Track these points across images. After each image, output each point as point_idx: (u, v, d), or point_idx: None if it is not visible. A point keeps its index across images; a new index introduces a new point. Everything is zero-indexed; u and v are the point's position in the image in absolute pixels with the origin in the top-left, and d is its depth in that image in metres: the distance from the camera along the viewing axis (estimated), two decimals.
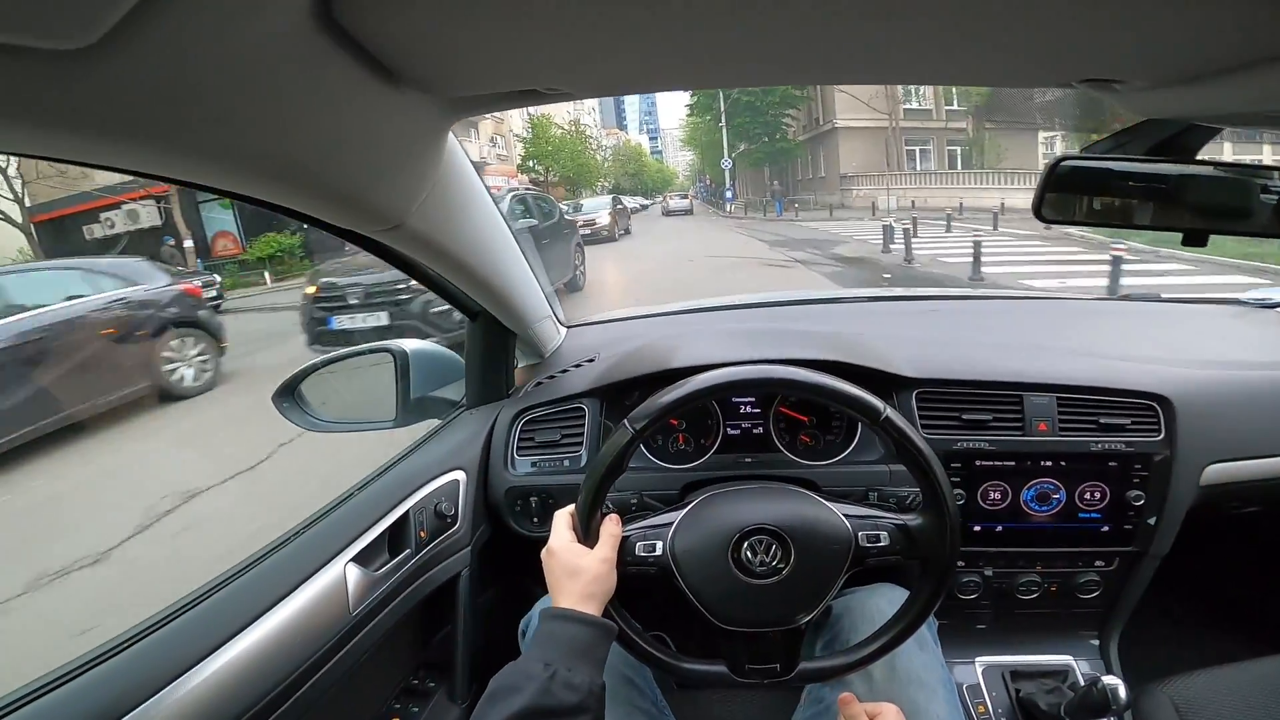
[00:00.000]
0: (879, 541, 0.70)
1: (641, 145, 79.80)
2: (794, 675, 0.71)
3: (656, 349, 1.10)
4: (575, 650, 0.61)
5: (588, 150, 37.30)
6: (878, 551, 0.70)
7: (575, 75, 0.55)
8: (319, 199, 0.55)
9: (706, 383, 0.71)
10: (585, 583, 0.66)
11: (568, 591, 0.66)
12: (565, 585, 0.67)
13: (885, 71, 0.58)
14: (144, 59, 0.32)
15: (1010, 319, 1.31)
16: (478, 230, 0.82)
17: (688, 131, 39.01)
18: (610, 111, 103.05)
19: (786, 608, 0.69)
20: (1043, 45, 0.48)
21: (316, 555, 0.80)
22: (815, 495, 0.75)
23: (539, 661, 0.59)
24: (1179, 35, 0.44)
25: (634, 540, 0.72)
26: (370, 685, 0.97)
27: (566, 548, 0.69)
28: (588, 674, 0.60)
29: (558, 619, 0.64)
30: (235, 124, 0.42)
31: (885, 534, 0.71)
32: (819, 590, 0.69)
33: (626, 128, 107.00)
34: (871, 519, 0.72)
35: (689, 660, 0.73)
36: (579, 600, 0.65)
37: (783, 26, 0.44)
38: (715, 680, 0.72)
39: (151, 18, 0.30)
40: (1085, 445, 0.96)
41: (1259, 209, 0.73)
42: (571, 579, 0.67)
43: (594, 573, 0.67)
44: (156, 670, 0.61)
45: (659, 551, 0.71)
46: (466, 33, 0.43)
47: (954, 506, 0.70)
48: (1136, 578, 1.03)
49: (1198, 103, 0.59)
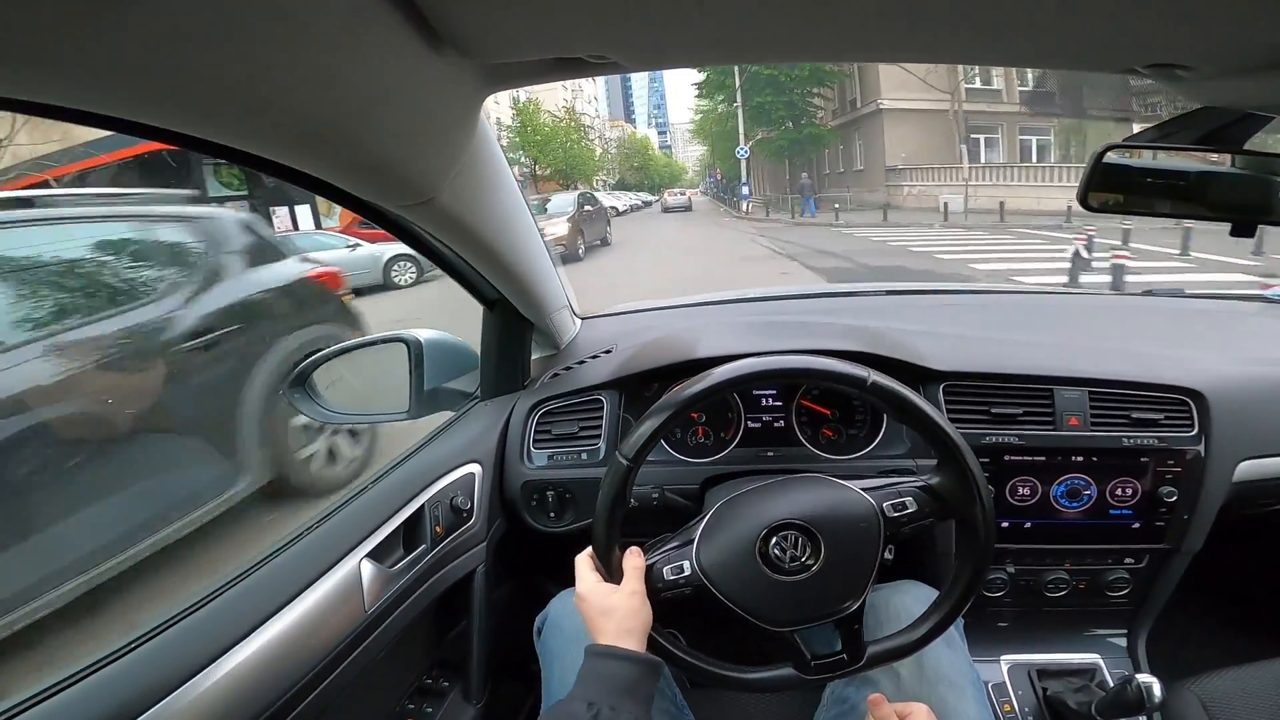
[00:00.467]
0: (906, 508, 0.69)
1: (649, 139, 77.08)
2: (865, 661, 0.69)
3: (677, 340, 1.08)
4: (618, 688, 0.60)
5: (584, 140, 34.67)
6: (908, 519, 0.68)
7: (624, 42, 0.52)
8: (349, 167, 0.52)
9: (689, 393, 0.68)
10: (619, 619, 0.65)
11: (605, 631, 0.65)
12: (601, 625, 0.65)
13: (946, 50, 0.56)
14: (171, 6, 0.30)
15: (1034, 313, 1.30)
16: (504, 212, 0.79)
17: (696, 120, 34.89)
18: (618, 104, 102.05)
19: (832, 597, 0.67)
20: (1111, 26, 0.46)
21: (331, 552, 0.77)
22: (831, 477, 0.73)
23: (582, 701, 0.58)
24: (1257, 20, 0.42)
25: (660, 566, 0.70)
26: (385, 684, 0.94)
27: (593, 589, 0.68)
28: (632, 711, 0.59)
29: (600, 656, 0.63)
30: (271, 84, 0.39)
31: (910, 499, 0.69)
32: (860, 571, 0.67)
33: (635, 122, 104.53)
34: (892, 487, 0.70)
35: (753, 670, 0.71)
36: (616, 637, 0.64)
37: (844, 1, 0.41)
38: (787, 684, 0.70)
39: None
40: (1117, 440, 0.95)
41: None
42: (606, 619, 0.65)
43: (626, 608, 0.66)
44: (170, 669, 0.58)
45: (688, 571, 0.69)
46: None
47: (970, 455, 0.68)
48: (1166, 575, 1.02)
49: (1262, 92, 0.57)
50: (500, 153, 0.75)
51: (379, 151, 0.52)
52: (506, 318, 1.04)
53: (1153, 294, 1.32)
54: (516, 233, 0.85)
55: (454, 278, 0.92)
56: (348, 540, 0.80)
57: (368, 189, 0.58)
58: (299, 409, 1.00)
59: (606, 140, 56.02)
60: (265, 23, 0.34)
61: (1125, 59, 0.54)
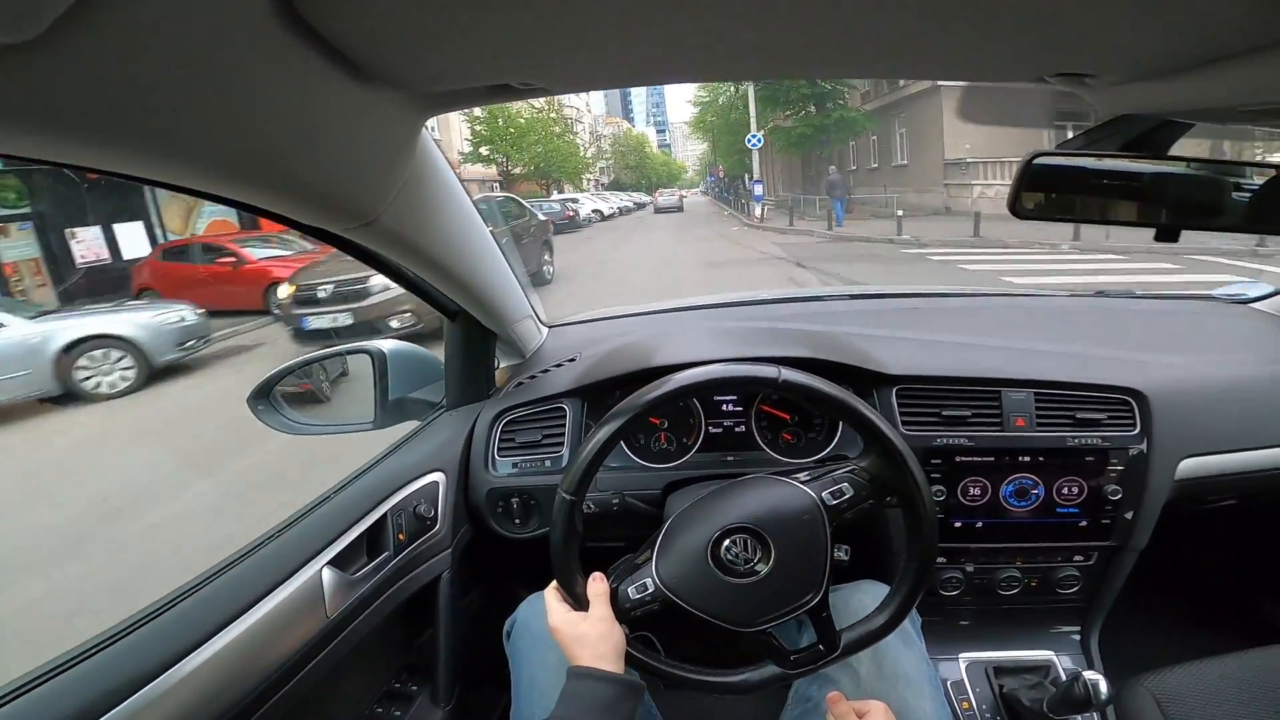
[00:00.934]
0: (844, 494, 0.71)
1: (645, 136, 72.00)
2: (842, 649, 0.71)
3: (637, 348, 1.10)
4: (596, 708, 0.62)
5: (567, 134, 29.51)
6: (847, 504, 0.70)
7: (549, 70, 0.54)
8: (286, 196, 0.54)
9: (616, 423, 0.70)
10: (592, 645, 0.67)
11: (580, 658, 0.67)
12: (577, 653, 0.67)
13: (858, 65, 0.58)
14: (93, 52, 0.32)
15: (989, 317, 1.32)
16: (453, 228, 0.81)
17: (697, 112, 30.12)
18: (616, 101, 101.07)
19: (791, 591, 0.69)
20: (1014, 39, 0.48)
21: (291, 559, 0.79)
22: (769, 475, 0.75)
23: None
24: (1151, 30, 0.44)
25: (625, 587, 0.72)
26: (351, 688, 0.96)
27: (564, 620, 0.70)
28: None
29: (580, 677, 0.65)
30: (194, 119, 0.41)
31: (846, 484, 0.71)
32: (813, 563, 0.69)
33: (634, 120, 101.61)
34: (827, 475, 0.72)
35: (736, 673, 0.73)
36: (592, 662, 0.66)
37: (757, 19, 0.43)
38: (771, 681, 0.72)
39: (98, 10, 0.29)
40: (1062, 440, 0.97)
41: (1229, 206, 0.73)
42: (580, 646, 0.67)
43: (596, 634, 0.68)
44: (127, 674, 0.60)
45: (651, 588, 0.71)
46: (433, 26, 0.42)
47: (893, 433, 0.69)
48: (1115, 572, 1.04)
49: (1169, 98, 0.59)
50: (447, 169, 0.77)
51: (312, 182, 0.54)
52: (469, 329, 1.06)
53: (1105, 295, 1.34)
54: (469, 247, 0.87)
55: (412, 291, 0.93)
56: (309, 548, 0.81)
57: (306, 215, 0.59)
58: (263, 421, 1.02)
59: (600, 137, 50.89)
60: (180, 70, 0.36)
61: (1033, 69, 0.56)
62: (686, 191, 57.10)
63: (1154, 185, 0.74)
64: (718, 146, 32.06)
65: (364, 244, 0.69)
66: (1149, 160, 0.73)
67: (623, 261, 10.87)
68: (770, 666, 0.72)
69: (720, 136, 29.31)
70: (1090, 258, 7.84)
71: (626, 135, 60.92)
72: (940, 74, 0.59)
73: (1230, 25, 0.42)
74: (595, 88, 0.62)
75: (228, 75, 0.39)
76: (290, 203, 0.56)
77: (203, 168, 0.46)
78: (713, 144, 33.48)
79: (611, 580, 0.73)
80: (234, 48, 0.38)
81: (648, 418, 1.02)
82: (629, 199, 35.56)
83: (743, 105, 20.70)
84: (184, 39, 0.34)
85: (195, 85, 0.38)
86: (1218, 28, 0.42)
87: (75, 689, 0.58)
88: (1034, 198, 0.75)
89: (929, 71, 0.59)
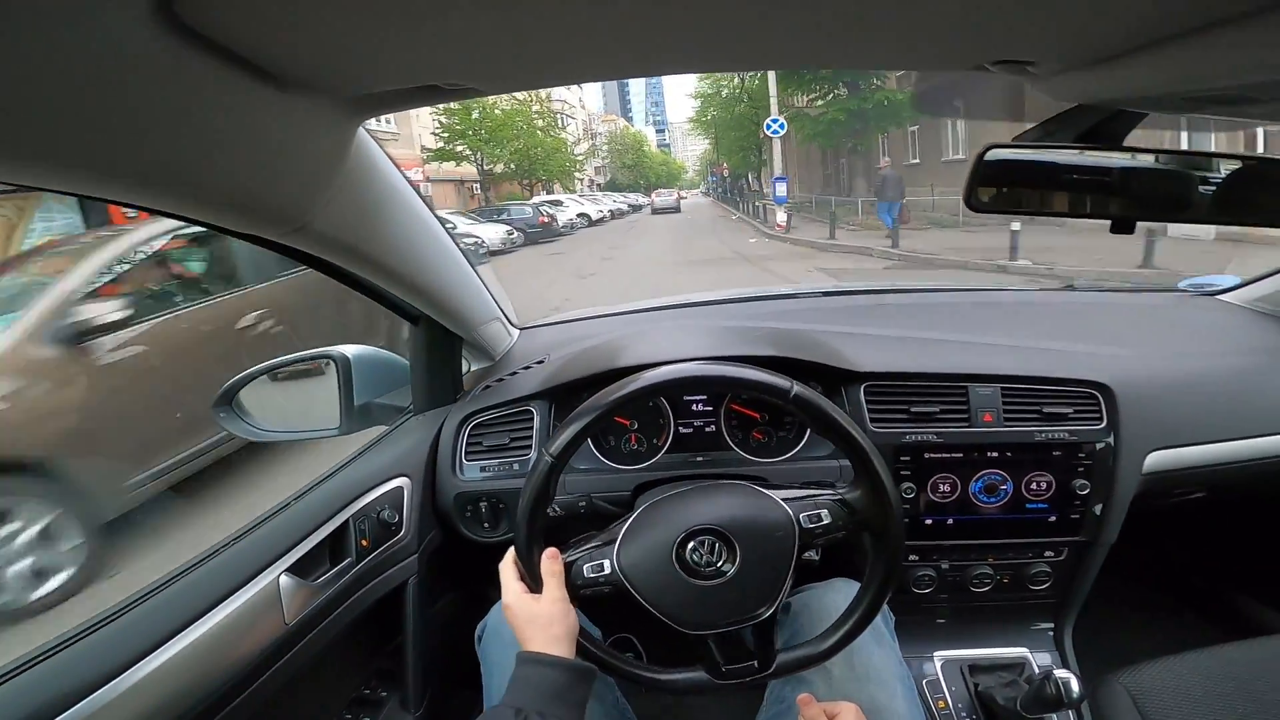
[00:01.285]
0: (821, 520, 0.70)
1: (643, 135, 67.23)
2: (773, 670, 0.71)
3: (604, 349, 1.09)
4: (547, 693, 0.61)
5: (553, 129, 26.17)
6: (822, 530, 0.70)
7: (475, 69, 0.53)
8: (202, 203, 0.53)
9: (614, 397, 0.70)
10: (544, 628, 0.66)
11: (533, 639, 0.66)
12: (529, 634, 0.66)
13: (795, 55, 0.57)
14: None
15: (958, 312, 1.32)
16: (400, 231, 0.80)
17: (699, 106, 26.83)
18: (614, 100, 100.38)
19: (745, 603, 0.69)
20: (952, 26, 0.47)
21: (247, 567, 0.78)
22: (754, 486, 0.74)
23: (510, 708, 0.59)
24: (1085, 14, 0.43)
25: (580, 564, 0.71)
26: (317, 695, 0.95)
27: (518, 598, 0.69)
28: (561, 716, 0.60)
29: (529, 663, 0.64)
30: (87, 129, 0.40)
31: (825, 511, 0.71)
32: (774, 580, 0.69)
33: (633, 119, 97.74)
34: (810, 499, 0.72)
35: (667, 671, 0.73)
36: (544, 645, 0.65)
37: (689, 11, 0.42)
38: (697, 687, 0.71)
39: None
40: (1030, 435, 0.96)
41: (1191, 197, 0.73)
42: (532, 627, 0.66)
43: (548, 616, 0.67)
44: (76, 681, 0.59)
45: (607, 570, 0.70)
46: (332, 27, 0.41)
47: (885, 470, 0.69)
48: (1086, 567, 1.04)
49: (1113, 86, 0.59)
50: (392, 170, 0.76)
51: (228, 189, 0.53)
52: (432, 333, 1.05)
53: (1074, 289, 1.34)
54: (422, 250, 0.86)
55: (369, 296, 0.92)
56: (266, 555, 0.81)
57: (231, 221, 0.58)
58: (226, 428, 1.01)
59: (594, 134, 49.04)
60: (63, 78, 0.35)
61: (972, 57, 0.56)
62: (687, 192, 54.98)
63: (1107, 176, 0.73)
64: (721, 143, 28.89)
65: (302, 249, 0.68)
66: (1103, 151, 0.73)
67: (588, 299, 7.03)
68: (700, 672, 0.71)
69: (724, 132, 26.16)
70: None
71: (624, 133, 57.57)
72: (879, 63, 0.59)
73: (1157, 9, 0.41)
74: (527, 87, 0.61)
75: (115, 84, 0.38)
76: (211, 211, 0.55)
77: (111, 177, 0.45)
78: (715, 141, 30.38)
79: (566, 555, 0.72)
80: (115, 55, 0.36)
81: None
82: (624, 200, 32.69)
83: (752, 96, 19.00)
84: (59, 47, 0.34)
85: (82, 94, 0.37)
86: (1144, 12, 0.41)
87: (24, 694, 0.57)
88: (989, 191, 0.75)
89: (867, 60, 0.58)
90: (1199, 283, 1.28)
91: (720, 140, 28.41)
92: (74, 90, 0.36)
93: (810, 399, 0.69)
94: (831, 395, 0.99)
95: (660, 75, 0.61)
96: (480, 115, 20.49)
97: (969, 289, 1.52)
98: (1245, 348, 1.11)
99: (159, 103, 0.41)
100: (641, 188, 49.40)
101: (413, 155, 19.74)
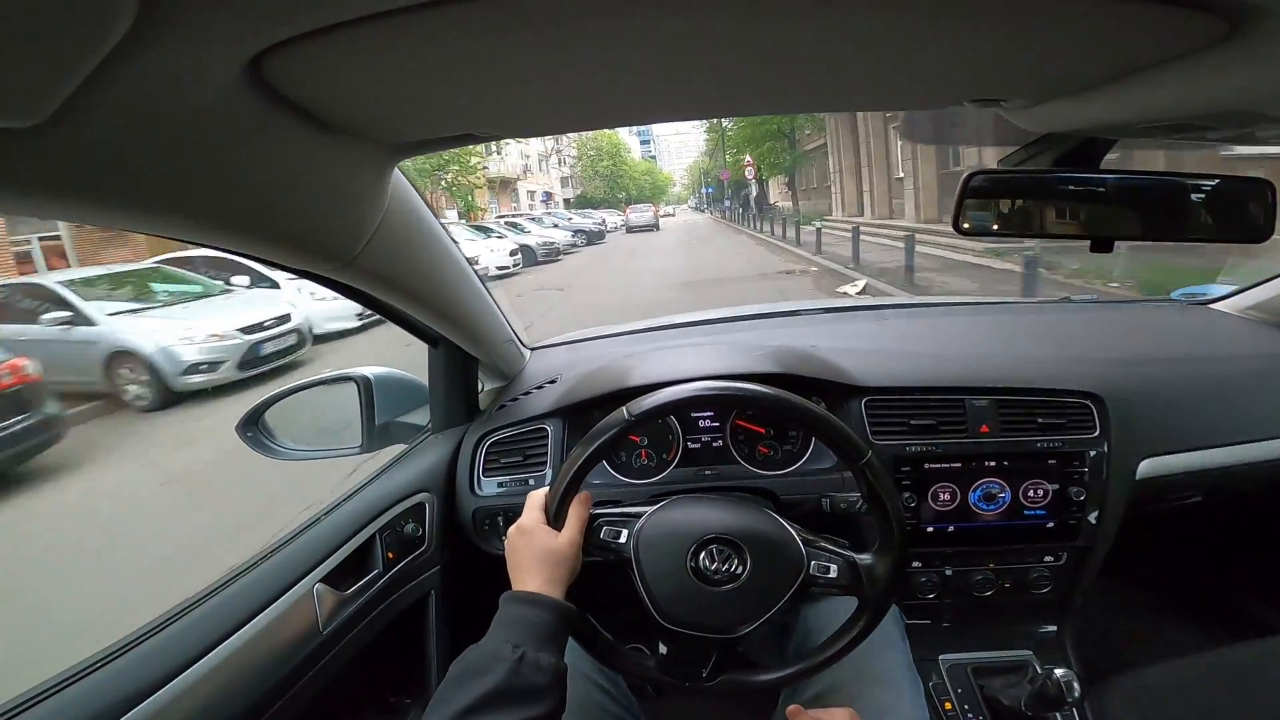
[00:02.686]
0: (828, 573, 0.71)
1: (619, 139, 49.60)
2: (715, 684, 0.71)
3: (614, 369, 1.13)
4: (542, 634, 0.61)
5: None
6: (825, 582, 0.71)
7: (508, 120, 0.59)
8: (267, 242, 0.58)
9: (714, 390, 0.72)
10: (552, 566, 0.67)
11: (534, 574, 0.66)
12: (532, 567, 0.67)
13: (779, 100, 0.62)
14: (92, 130, 0.36)
15: (955, 325, 1.35)
16: (431, 263, 0.85)
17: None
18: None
19: (731, 618, 0.70)
20: (927, 70, 0.52)
21: (285, 577, 0.82)
22: (779, 517, 0.76)
23: (507, 643, 0.59)
24: (1045, 54, 0.47)
25: (601, 523, 0.73)
26: (345, 703, 0.98)
27: (537, 527, 0.69)
28: (552, 658, 0.60)
29: (523, 603, 0.64)
30: (181, 182, 0.45)
31: (835, 567, 0.72)
32: (764, 605, 0.70)
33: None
34: (827, 551, 0.73)
35: (625, 646, 0.74)
36: (544, 584, 0.65)
37: (683, 67, 0.47)
38: (640, 671, 0.73)
39: (96, 95, 0.33)
40: (1025, 445, 1.00)
41: (1168, 217, 0.77)
42: (538, 562, 0.67)
43: (561, 555, 0.67)
44: (121, 693, 0.62)
45: (623, 540, 0.72)
46: (390, 88, 0.46)
47: (907, 552, 0.71)
48: (1085, 571, 1.06)
49: (1082, 117, 0.64)
50: (423, 207, 0.81)
51: (289, 229, 0.58)
52: (451, 355, 1.10)
53: (1070, 301, 1.38)
54: (448, 279, 0.91)
55: (395, 322, 0.98)
56: (301, 566, 0.84)
57: (290, 258, 0.64)
58: (253, 449, 1.05)
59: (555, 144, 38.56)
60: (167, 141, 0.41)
61: (949, 96, 0.60)
62: (674, 208, 49.93)
63: (1086, 198, 0.78)
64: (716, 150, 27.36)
65: (348, 282, 0.74)
66: (1080, 174, 0.77)
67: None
68: (649, 657, 0.73)
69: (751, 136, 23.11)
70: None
71: (597, 137, 44.26)
72: (865, 105, 0.64)
73: (1110, 49, 0.46)
74: (556, 132, 0.67)
75: (209, 141, 0.43)
76: (274, 249, 0.61)
77: (194, 222, 0.51)
78: (716, 144, 28.42)
79: (593, 510, 0.74)
80: (212, 116, 0.42)
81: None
82: (591, 220, 24.09)
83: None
84: (168, 114, 0.39)
85: (181, 152, 0.42)
86: (1099, 51, 0.46)
87: (71, 708, 0.60)
88: (975, 215, 0.79)
89: (853, 102, 0.63)
90: (1192, 292, 1.31)
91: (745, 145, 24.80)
92: (173, 149, 0.42)
93: (878, 473, 0.71)
94: (834, 410, 1.02)
95: (662, 121, 0.66)
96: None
97: (965, 302, 1.56)
98: (1236, 355, 1.14)
99: (236, 154, 0.47)
100: (620, 202, 40.27)
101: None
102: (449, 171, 20.57)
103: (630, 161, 50.09)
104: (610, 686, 0.84)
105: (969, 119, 0.80)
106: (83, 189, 0.40)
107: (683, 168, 74.20)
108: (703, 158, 41.97)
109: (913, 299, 1.24)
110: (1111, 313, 1.33)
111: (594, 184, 42.60)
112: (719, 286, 9.26)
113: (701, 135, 29.46)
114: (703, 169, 41.39)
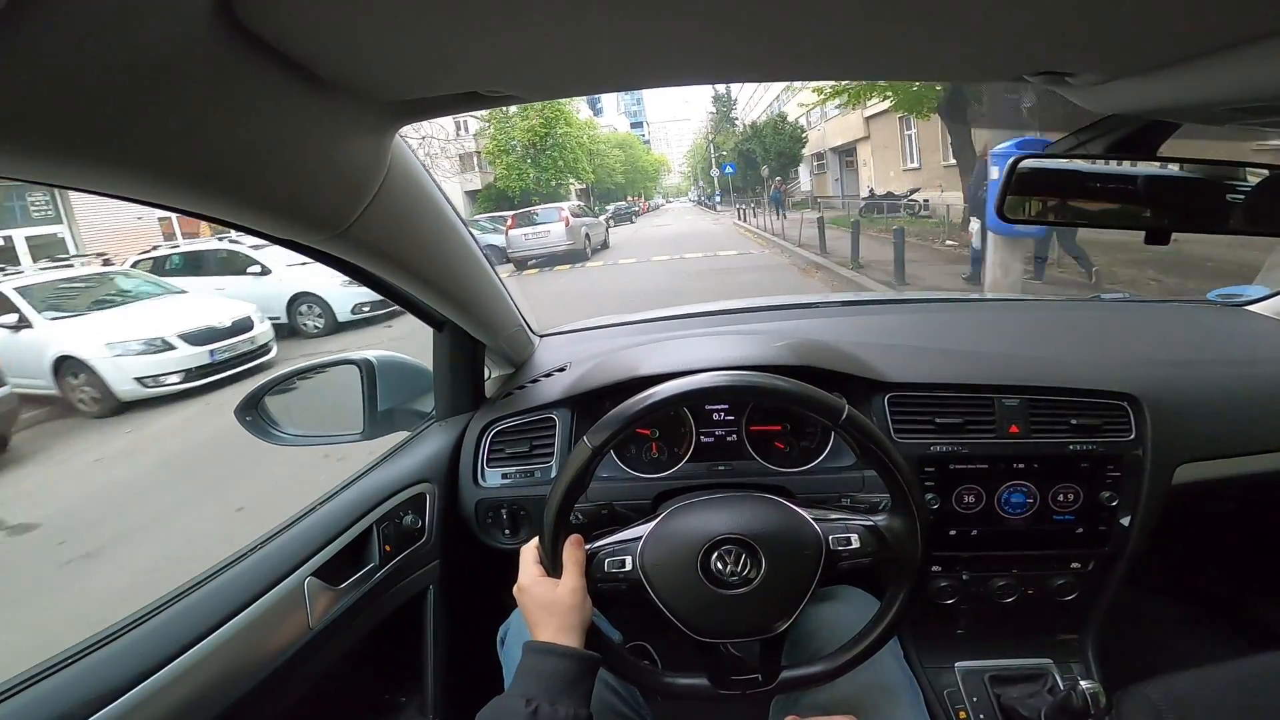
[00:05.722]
0: (850, 544, 0.70)
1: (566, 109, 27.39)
2: (776, 684, 0.70)
3: (625, 357, 1.09)
4: (557, 684, 0.61)
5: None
6: (849, 554, 0.70)
7: (518, 76, 0.53)
8: (246, 208, 0.53)
9: (669, 392, 0.69)
10: (560, 615, 0.66)
11: (545, 626, 0.66)
12: (542, 620, 0.66)
13: (837, 67, 0.58)
14: (25, 53, 0.30)
15: (982, 323, 1.31)
16: (434, 239, 0.80)
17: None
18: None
19: (762, 616, 0.68)
20: (991, 38, 0.47)
21: (274, 570, 0.79)
22: (784, 501, 0.74)
23: (520, 697, 0.59)
24: (1128, 25, 0.43)
25: (602, 557, 0.71)
26: (339, 699, 0.95)
27: (536, 582, 0.69)
28: (571, 707, 0.60)
29: (538, 653, 0.64)
30: (141, 131, 0.40)
31: (855, 536, 0.70)
32: (794, 596, 0.68)
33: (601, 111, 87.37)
34: (841, 522, 0.71)
35: (670, 675, 0.72)
36: (556, 634, 0.65)
37: (728, 22, 0.43)
38: (697, 694, 0.71)
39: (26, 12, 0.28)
40: (1057, 447, 0.95)
41: (1222, 207, 0.72)
42: (547, 614, 0.66)
43: (566, 604, 0.66)
44: (104, 684, 0.60)
45: (628, 567, 0.70)
46: (384, 33, 0.41)
47: (922, 504, 0.69)
48: (1112, 579, 1.02)
49: (1153, 96, 0.58)
50: (427, 179, 0.76)
51: (272, 193, 0.53)
52: (456, 339, 1.06)
53: (1100, 299, 1.33)
54: (453, 258, 0.86)
55: (397, 303, 0.93)
56: (292, 559, 0.81)
57: (272, 226, 0.59)
58: (251, 433, 1.01)
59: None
60: (121, 80, 0.35)
61: (1011, 69, 0.55)
62: (673, 201, 44.83)
63: (1142, 187, 0.73)
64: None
65: (338, 254, 0.69)
66: (1136, 161, 0.72)
67: None
68: (702, 679, 0.71)
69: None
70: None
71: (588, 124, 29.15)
72: (918, 74, 0.59)
73: (1211, 19, 0.41)
74: (570, 94, 0.62)
75: (174, 86, 0.38)
76: (253, 214, 0.56)
77: (158, 180, 0.45)
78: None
79: (589, 545, 0.72)
80: (176, 58, 0.37)
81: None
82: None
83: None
84: (121, 47, 0.34)
85: (139, 96, 0.37)
86: (1199, 22, 0.41)
87: (52, 697, 0.58)
88: (1021, 201, 0.75)
89: (906, 72, 0.58)
90: (1227, 293, 1.27)
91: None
92: (125, 91, 0.36)
93: (863, 425, 0.69)
94: (856, 406, 0.99)
95: (699, 84, 0.61)
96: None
97: (995, 299, 1.51)
98: (1276, 358, 1.09)
99: (209, 105, 0.41)
100: (564, 195, 23.22)
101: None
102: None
103: (578, 124, 25.93)
104: (621, 689, 0.82)
105: (1010, 98, 0.75)
106: (15, 132, 0.35)
107: (679, 155, 69.18)
108: (701, 141, 33.43)
109: (936, 294, 1.20)
110: (1145, 312, 1.28)
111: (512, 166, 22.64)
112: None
113: (702, 118, 24.13)
114: (713, 144, 29.82)
